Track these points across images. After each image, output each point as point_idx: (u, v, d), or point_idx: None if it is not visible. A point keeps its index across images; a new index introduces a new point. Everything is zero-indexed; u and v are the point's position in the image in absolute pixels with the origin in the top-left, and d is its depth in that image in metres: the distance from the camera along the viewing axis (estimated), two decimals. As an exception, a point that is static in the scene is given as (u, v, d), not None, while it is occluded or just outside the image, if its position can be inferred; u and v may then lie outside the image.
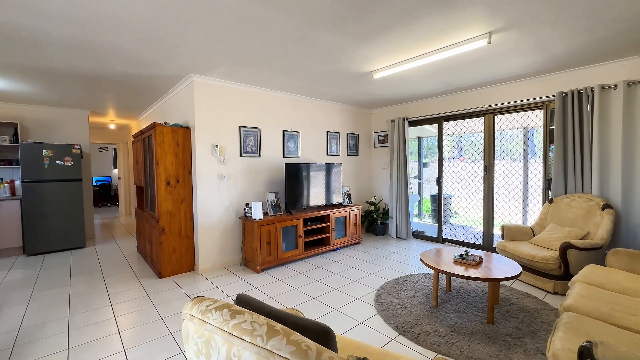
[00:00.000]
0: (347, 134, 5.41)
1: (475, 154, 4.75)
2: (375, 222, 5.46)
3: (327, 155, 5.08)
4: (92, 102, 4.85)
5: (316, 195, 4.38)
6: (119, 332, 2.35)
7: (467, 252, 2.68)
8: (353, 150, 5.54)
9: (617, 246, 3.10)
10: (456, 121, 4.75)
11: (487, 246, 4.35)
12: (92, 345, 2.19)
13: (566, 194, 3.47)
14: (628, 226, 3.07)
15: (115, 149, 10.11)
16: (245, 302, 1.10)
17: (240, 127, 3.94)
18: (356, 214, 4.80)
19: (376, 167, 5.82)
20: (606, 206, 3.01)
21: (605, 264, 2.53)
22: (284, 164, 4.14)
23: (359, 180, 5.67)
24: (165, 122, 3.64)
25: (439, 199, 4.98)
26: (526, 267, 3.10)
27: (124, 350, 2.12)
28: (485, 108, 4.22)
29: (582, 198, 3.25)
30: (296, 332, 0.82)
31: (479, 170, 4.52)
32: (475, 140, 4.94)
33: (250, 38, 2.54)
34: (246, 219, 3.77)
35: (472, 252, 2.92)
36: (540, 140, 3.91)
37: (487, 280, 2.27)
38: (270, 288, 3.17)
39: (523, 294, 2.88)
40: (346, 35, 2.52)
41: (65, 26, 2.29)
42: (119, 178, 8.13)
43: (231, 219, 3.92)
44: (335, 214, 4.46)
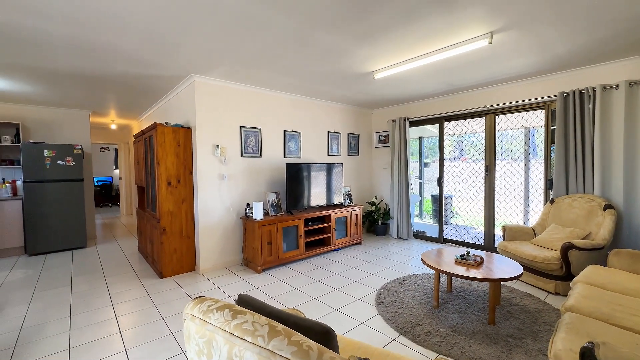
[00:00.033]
0: (348, 134, 5.41)
1: (476, 154, 4.74)
2: (376, 223, 5.45)
3: (328, 155, 5.08)
4: (94, 103, 4.86)
5: (317, 195, 4.38)
6: (120, 332, 2.35)
7: (468, 253, 2.67)
8: (354, 151, 5.54)
9: (618, 246, 3.09)
10: (457, 121, 4.74)
11: (488, 246, 4.34)
12: (93, 345, 2.20)
13: (568, 194, 3.46)
14: (630, 226, 3.06)
15: (117, 149, 10.14)
16: (246, 303, 1.10)
17: (241, 127, 3.95)
18: (357, 214, 4.80)
19: (377, 167, 5.82)
20: (608, 206, 3.00)
21: (606, 264, 2.52)
22: (285, 164, 4.14)
23: (359, 180, 5.67)
24: (167, 122, 3.65)
25: (439, 199, 4.97)
26: (527, 267, 3.09)
27: (125, 350, 2.12)
28: (487, 108, 4.22)
29: (583, 198, 3.24)
30: (297, 333, 0.82)
31: (480, 171, 4.51)
32: (476, 140, 4.94)
33: (251, 38, 2.55)
34: (247, 219, 3.77)
35: (473, 252, 2.91)
36: (542, 141, 3.90)
37: (489, 280, 2.27)
38: (271, 288, 3.17)
39: (524, 295, 2.87)
40: (347, 35, 2.52)
41: (66, 26, 2.29)
42: (120, 178, 8.15)
43: (232, 219, 3.92)
44: (336, 214, 4.46)
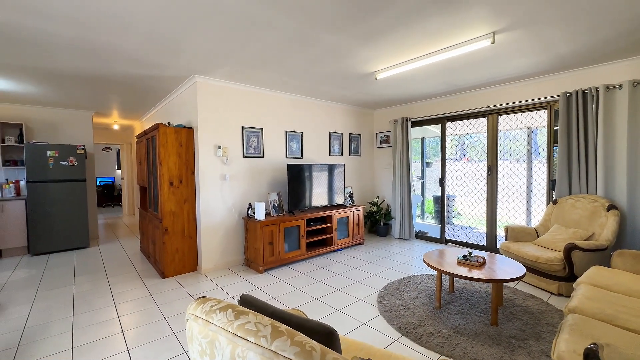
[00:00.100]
0: (350, 134, 5.41)
1: (479, 154, 4.73)
2: (377, 223, 5.45)
3: (329, 155, 5.08)
4: (96, 103, 4.88)
5: (319, 195, 4.38)
6: (122, 332, 2.36)
7: (470, 253, 2.67)
8: (355, 151, 5.54)
9: (622, 247, 3.08)
10: (459, 121, 4.73)
11: (491, 247, 4.33)
12: (95, 344, 2.20)
13: (570, 194, 3.44)
14: (634, 227, 3.04)
15: (119, 149, 10.17)
16: (249, 303, 1.10)
17: (243, 127, 3.95)
18: (359, 215, 4.79)
19: (379, 168, 5.81)
20: (611, 207, 2.99)
21: (610, 265, 2.51)
22: (287, 164, 4.14)
23: (361, 180, 5.67)
24: (169, 123, 3.66)
25: (441, 199, 4.95)
26: (530, 268, 3.08)
27: (127, 350, 2.13)
28: (489, 108, 4.21)
29: (586, 199, 3.22)
30: (300, 333, 0.82)
31: (482, 171, 4.50)
32: (479, 140, 4.92)
33: (253, 39, 2.55)
34: (249, 219, 3.78)
35: (475, 253, 2.91)
36: (544, 141, 3.88)
37: (491, 281, 2.26)
38: (273, 288, 3.17)
39: (527, 296, 2.86)
40: (349, 36, 2.52)
41: (68, 27, 2.30)
42: (122, 178, 8.18)
43: (234, 220, 3.93)
44: (337, 214, 4.45)
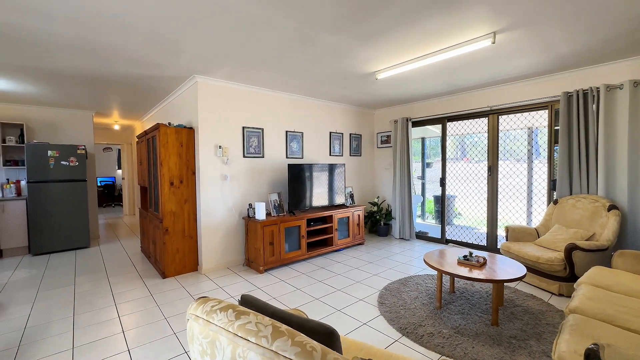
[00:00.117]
0: (350, 134, 5.41)
1: (479, 154, 4.72)
2: (378, 223, 5.44)
3: (330, 155, 5.07)
4: (97, 103, 4.89)
5: (319, 195, 4.38)
6: (123, 332, 2.36)
7: (471, 253, 2.66)
8: (356, 151, 5.54)
9: (623, 248, 3.07)
10: (460, 121, 4.72)
11: (491, 247, 4.32)
12: (96, 344, 2.21)
13: (571, 194, 3.44)
14: (635, 227, 3.04)
15: (120, 149, 10.18)
16: (249, 303, 1.10)
17: (243, 127, 3.95)
18: (359, 215, 4.79)
19: (379, 168, 5.81)
20: (612, 207, 2.98)
21: (611, 265, 2.50)
22: (287, 164, 4.14)
23: (362, 180, 5.67)
24: (169, 123, 3.66)
25: (442, 199, 4.95)
26: (531, 268, 3.08)
27: (128, 350, 2.13)
28: (489, 108, 4.20)
29: (587, 199, 3.22)
30: (301, 334, 0.82)
31: (483, 171, 4.49)
32: (479, 140, 4.92)
33: (253, 39, 2.55)
34: (249, 219, 3.78)
35: (476, 253, 2.90)
36: (545, 141, 3.88)
37: (492, 281, 2.26)
38: (274, 288, 3.17)
39: (528, 296, 2.86)
40: (349, 36, 2.52)
41: (69, 27, 2.30)
42: (123, 178, 8.18)
43: (234, 220, 3.93)
44: (338, 214, 4.45)
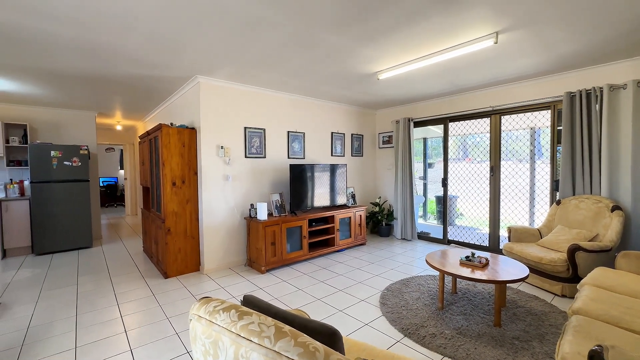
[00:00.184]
0: (352, 134, 5.41)
1: (481, 154, 4.71)
2: (380, 223, 5.44)
3: (331, 156, 5.07)
4: (99, 104, 4.91)
5: (321, 196, 4.38)
6: (125, 332, 2.37)
7: (473, 254, 2.65)
8: (358, 151, 5.53)
9: (627, 248, 3.05)
10: (462, 122, 4.71)
11: (493, 248, 4.31)
12: (99, 344, 2.21)
13: (574, 195, 3.42)
14: (638, 228, 3.02)
15: (122, 149, 10.21)
16: (252, 303, 1.10)
17: (245, 128, 3.96)
18: (361, 215, 4.79)
19: (381, 168, 5.81)
20: (615, 208, 2.97)
21: (614, 266, 2.49)
22: (289, 164, 4.14)
23: (363, 181, 5.66)
24: (171, 123, 3.67)
25: (444, 200, 4.94)
26: (533, 269, 3.06)
27: (130, 350, 2.14)
28: (492, 108, 4.19)
29: (590, 199, 3.20)
30: (304, 334, 0.82)
31: (485, 171, 4.48)
32: (481, 140, 4.90)
33: (255, 40, 2.55)
34: (251, 219, 3.78)
35: (478, 253, 2.89)
36: (548, 141, 3.87)
37: (494, 282, 2.25)
38: (275, 289, 3.17)
39: (530, 297, 2.85)
40: (351, 37, 2.52)
41: (71, 28, 2.32)
42: (125, 178, 8.21)
43: (236, 220, 3.93)
44: (339, 214, 4.45)
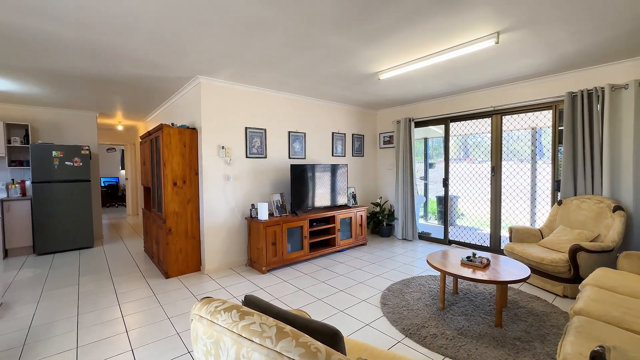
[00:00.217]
0: (353, 134, 5.40)
1: (482, 154, 4.70)
2: (380, 224, 5.43)
3: (332, 156, 5.07)
4: (101, 104, 4.92)
5: (321, 196, 4.38)
6: (126, 332, 2.37)
7: (474, 254, 2.65)
8: (358, 151, 5.53)
9: (628, 249, 3.04)
10: (463, 122, 4.71)
11: (495, 248, 4.30)
12: (100, 344, 2.22)
13: (576, 195, 3.41)
14: (640, 229, 3.01)
15: (123, 150, 10.23)
16: (253, 303, 1.10)
17: (246, 128, 3.96)
18: (361, 215, 4.78)
19: (382, 168, 5.80)
20: (617, 208, 2.96)
21: (616, 267, 2.48)
22: (290, 164, 4.14)
23: (364, 181, 5.66)
24: (172, 124, 3.68)
25: (445, 200, 4.94)
26: (535, 269, 3.06)
27: (131, 350, 2.14)
28: (493, 108, 4.19)
29: (592, 200, 3.19)
30: (305, 334, 0.82)
31: (486, 172, 4.47)
32: (482, 141, 4.89)
33: (256, 40, 2.56)
34: (252, 219, 3.79)
35: (479, 254, 2.89)
36: (549, 141, 3.86)
37: (495, 282, 2.24)
38: (276, 289, 3.17)
39: (532, 297, 2.84)
40: (352, 37, 2.52)
41: (74, 29, 2.32)
42: (126, 179, 8.22)
43: (237, 220, 3.93)
44: (340, 215, 4.45)
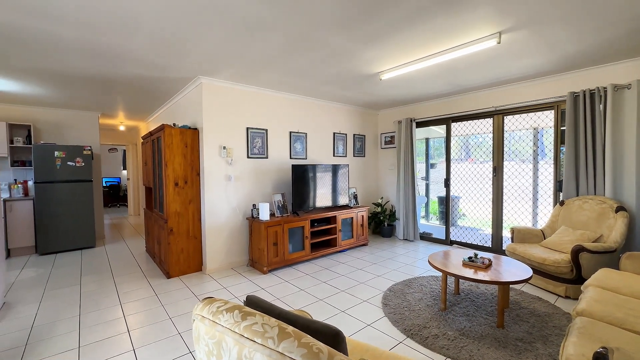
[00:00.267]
0: (354, 135, 5.40)
1: (484, 155, 4.69)
2: (382, 224, 5.43)
3: (333, 156, 5.07)
4: (102, 104, 4.94)
5: (323, 196, 4.38)
6: (128, 332, 2.38)
7: (476, 255, 2.64)
8: (360, 152, 5.53)
9: (631, 250, 3.03)
10: (464, 122, 4.70)
11: (496, 249, 4.29)
12: (102, 344, 2.22)
13: (578, 195, 3.40)
14: (643, 229, 3.00)
15: (125, 150, 10.27)
16: (255, 304, 1.10)
17: (247, 128, 3.96)
18: (363, 216, 4.78)
19: (383, 168, 5.80)
20: (620, 208, 2.95)
21: (619, 267, 2.47)
22: (291, 165, 4.15)
23: (365, 181, 5.66)
24: (174, 124, 3.69)
25: (446, 200, 4.93)
26: (537, 270, 3.05)
27: (133, 350, 2.14)
28: (494, 109, 4.18)
29: (594, 200, 3.18)
30: (307, 335, 0.82)
31: (488, 172, 4.46)
32: (484, 141, 4.88)
33: (257, 41, 2.56)
34: (253, 220, 3.79)
35: (481, 254, 2.88)
36: (551, 141, 3.85)
37: (497, 283, 2.24)
38: (277, 289, 3.17)
39: (534, 298, 2.83)
40: (354, 37, 2.52)
41: (76, 29, 2.33)
42: (128, 179, 8.25)
43: (238, 220, 3.94)
44: (341, 215, 4.45)
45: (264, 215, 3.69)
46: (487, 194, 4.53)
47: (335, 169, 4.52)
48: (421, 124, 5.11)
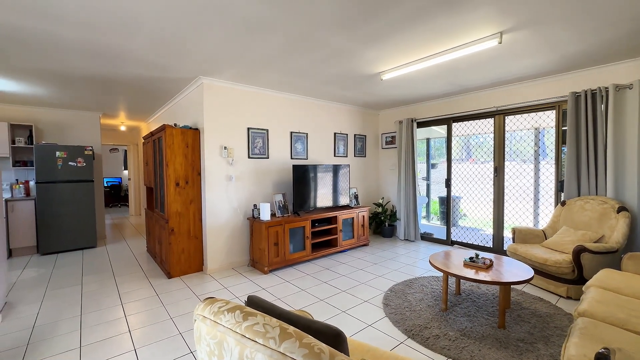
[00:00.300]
0: (355, 135, 5.40)
1: (485, 155, 4.69)
2: (382, 224, 5.42)
3: (334, 156, 5.07)
4: (104, 105, 4.94)
5: (323, 196, 4.38)
6: (129, 331, 2.38)
7: (477, 255, 2.64)
8: (361, 152, 5.53)
9: (633, 250, 3.02)
10: (465, 122, 4.69)
11: (497, 249, 4.28)
12: (103, 343, 2.23)
13: (579, 196, 3.39)
14: (644, 229, 2.99)
15: (126, 150, 10.29)
16: (256, 304, 1.10)
17: (248, 128, 3.97)
18: (364, 216, 4.78)
19: (384, 169, 5.79)
20: (621, 209, 2.94)
21: (621, 268, 2.46)
22: (292, 165, 4.15)
23: (366, 181, 5.65)
24: (175, 124, 3.69)
25: (447, 200, 4.92)
26: (538, 270, 3.04)
27: (134, 349, 2.15)
28: (496, 109, 4.17)
29: (596, 200, 3.17)
30: (308, 335, 0.82)
31: (489, 172, 4.46)
32: (485, 141, 4.88)
33: (258, 41, 2.56)
34: (254, 220, 3.79)
35: (482, 254, 2.88)
36: (552, 142, 3.84)
37: (498, 283, 2.23)
38: (278, 289, 3.17)
39: (535, 298, 2.83)
40: (355, 37, 2.52)
41: (77, 30, 2.33)
42: (129, 179, 8.26)
43: (239, 220, 3.94)
44: (342, 215, 4.45)
45: (265, 215, 3.69)
46: (488, 194, 4.53)
47: (336, 169, 4.52)
48: (422, 124, 5.10)
